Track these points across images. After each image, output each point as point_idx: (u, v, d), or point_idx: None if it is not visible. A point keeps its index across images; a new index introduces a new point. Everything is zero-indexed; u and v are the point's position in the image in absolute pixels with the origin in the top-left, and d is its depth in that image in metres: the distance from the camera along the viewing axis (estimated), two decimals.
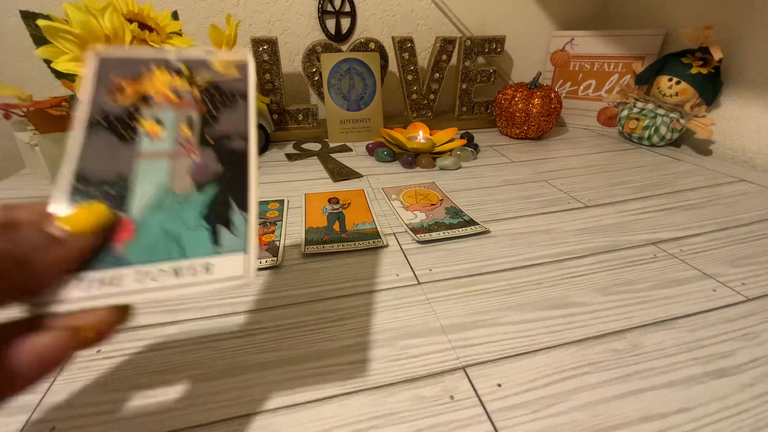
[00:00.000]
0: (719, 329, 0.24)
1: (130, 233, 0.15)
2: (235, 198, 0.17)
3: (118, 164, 0.16)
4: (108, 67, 0.18)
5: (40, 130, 0.37)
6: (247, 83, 0.20)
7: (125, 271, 0.14)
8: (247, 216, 0.16)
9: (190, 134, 0.18)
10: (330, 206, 0.41)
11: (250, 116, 0.19)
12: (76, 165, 0.16)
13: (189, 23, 0.63)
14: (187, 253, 0.15)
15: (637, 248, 0.33)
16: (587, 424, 0.19)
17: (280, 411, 0.19)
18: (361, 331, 0.24)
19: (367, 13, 0.69)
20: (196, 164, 0.17)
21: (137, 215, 0.15)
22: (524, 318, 0.25)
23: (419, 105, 0.68)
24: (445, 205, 0.41)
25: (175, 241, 0.15)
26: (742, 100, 0.56)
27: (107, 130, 0.17)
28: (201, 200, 0.16)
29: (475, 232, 0.35)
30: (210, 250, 0.15)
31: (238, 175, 0.17)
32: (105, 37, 0.34)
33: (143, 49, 0.24)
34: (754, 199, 0.42)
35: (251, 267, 0.15)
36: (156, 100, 0.18)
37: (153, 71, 0.19)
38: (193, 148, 0.17)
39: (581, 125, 0.73)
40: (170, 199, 0.16)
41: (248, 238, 0.16)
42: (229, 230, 0.16)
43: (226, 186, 0.17)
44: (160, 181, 0.16)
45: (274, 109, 0.62)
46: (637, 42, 0.65)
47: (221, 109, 0.19)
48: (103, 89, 0.18)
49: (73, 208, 0.14)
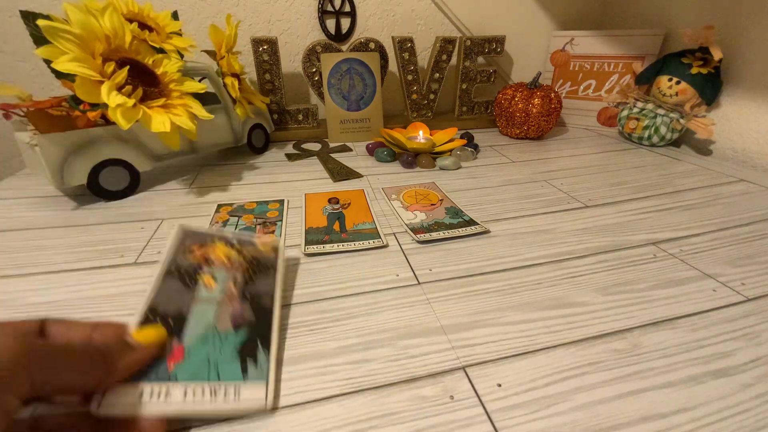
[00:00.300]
0: (719, 329, 0.24)
1: (181, 357, 0.19)
2: (261, 340, 0.21)
3: (180, 304, 0.22)
4: (186, 236, 0.26)
5: (40, 130, 0.37)
6: (278, 261, 0.27)
7: (173, 386, 0.18)
8: (269, 355, 0.21)
9: (235, 290, 0.24)
10: (330, 206, 0.41)
11: (278, 284, 0.25)
12: (151, 300, 0.21)
13: (189, 23, 0.63)
14: (221, 378, 0.19)
15: (637, 248, 0.33)
16: (587, 424, 0.19)
17: (280, 411, 0.19)
18: (361, 331, 0.24)
19: (367, 13, 0.69)
20: (236, 312, 0.22)
21: (188, 344, 0.20)
22: (524, 318, 0.25)
23: (419, 105, 0.68)
24: (445, 205, 0.41)
25: (214, 368, 0.19)
26: (742, 100, 0.56)
27: (177, 278, 0.23)
28: (236, 339, 0.21)
29: (476, 232, 0.35)
30: (239, 377, 0.19)
31: (265, 323, 0.23)
32: (105, 37, 0.34)
33: (212, 228, 0.35)
34: (754, 199, 0.42)
35: (269, 394, 0.19)
36: (215, 263, 0.25)
37: (216, 243, 0.26)
38: (235, 300, 0.23)
39: (581, 125, 0.73)
40: (213, 335, 0.21)
41: (269, 371, 0.20)
42: (255, 364, 0.20)
43: (255, 330, 0.22)
44: (208, 321, 0.21)
45: (274, 109, 0.62)
46: (637, 42, 0.65)
47: (258, 275, 0.25)
48: (180, 250, 0.25)
49: (143, 328, 0.20)
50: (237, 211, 0.40)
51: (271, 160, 0.55)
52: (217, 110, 0.50)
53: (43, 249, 0.33)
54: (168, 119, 0.37)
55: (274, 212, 0.39)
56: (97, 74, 0.33)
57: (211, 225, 0.37)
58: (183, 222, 0.29)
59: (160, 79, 0.39)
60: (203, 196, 0.43)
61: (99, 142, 0.40)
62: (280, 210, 0.40)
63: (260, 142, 0.58)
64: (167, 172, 0.50)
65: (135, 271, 0.30)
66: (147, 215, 0.39)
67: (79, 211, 0.40)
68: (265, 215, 0.39)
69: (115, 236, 0.35)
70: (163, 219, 0.38)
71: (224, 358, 0.20)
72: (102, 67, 0.34)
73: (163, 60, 0.40)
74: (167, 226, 0.37)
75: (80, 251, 0.33)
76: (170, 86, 0.40)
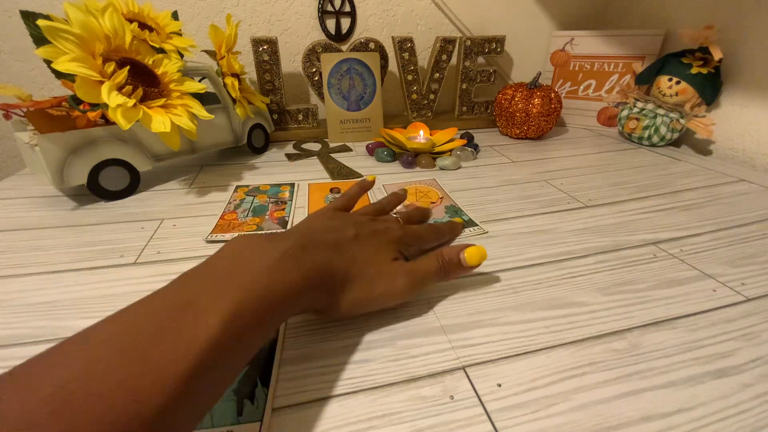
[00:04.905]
0: (719, 329, 0.24)
1: None
2: (261, 377, 0.21)
3: None
4: None
5: (40, 130, 0.37)
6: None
7: None
8: (266, 391, 0.20)
9: None
10: (332, 196, 0.42)
11: (280, 331, 0.25)
12: None
13: (189, 23, 0.63)
14: (215, 424, 0.18)
15: (637, 248, 0.33)
16: (587, 424, 0.19)
17: (280, 411, 0.19)
18: (361, 331, 0.24)
19: (367, 13, 0.69)
20: None
21: None
22: (524, 318, 0.25)
23: (419, 105, 0.68)
24: (445, 203, 0.41)
25: (208, 413, 0.18)
26: (742, 100, 0.56)
27: None
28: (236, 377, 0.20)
29: (474, 234, 0.35)
30: (234, 420, 0.19)
31: (267, 357, 0.22)
32: (105, 37, 0.34)
33: None
34: (754, 199, 0.42)
35: None
36: None
37: None
38: None
39: (581, 125, 0.73)
40: None
41: (265, 410, 0.19)
42: (252, 402, 0.19)
43: (255, 366, 0.21)
44: None
45: (274, 109, 0.62)
46: (637, 42, 0.65)
47: None
48: None
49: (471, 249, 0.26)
50: (252, 191, 0.44)
51: (271, 160, 0.56)
52: (217, 110, 0.50)
53: (43, 249, 0.33)
54: (168, 119, 0.37)
55: (284, 193, 0.44)
56: (97, 74, 0.33)
57: (228, 204, 0.41)
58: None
59: (160, 79, 0.39)
60: (203, 196, 0.43)
61: (99, 142, 0.40)
62: (291, 192, 0.44)
63: (260, 142, 0.58)
64: (167, 172, 0.50)
65: (135, 271, 0.30)
66: (147, 215, 0.39)
67: (78, 211, 0.40)
68: (278, 195, 0.43)
69: (115, 236, 0.35)
70: (163, 219, 0.38)
71: (220, 399, 0.19)
72: (102, 67, 0.34)
73: (163, 60, 0.40)
74: (167, 226, 0.37)
75: (80, 251, 0.33)
76: (170, 86, 0.40)
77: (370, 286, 0.23)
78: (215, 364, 0.14)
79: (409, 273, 0.24)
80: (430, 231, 0.30)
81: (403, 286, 0.24)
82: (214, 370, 0.14)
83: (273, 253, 0.19)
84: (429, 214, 0.35)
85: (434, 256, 0.26)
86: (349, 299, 0.22)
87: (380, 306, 0.24)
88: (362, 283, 0.23)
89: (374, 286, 0.23)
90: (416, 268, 0.25)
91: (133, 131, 0.43)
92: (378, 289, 0.23)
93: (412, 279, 0.24)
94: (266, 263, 0.19)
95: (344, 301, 0.22)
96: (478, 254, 0.25)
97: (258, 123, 0.57)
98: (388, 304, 0.24)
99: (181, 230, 0.36)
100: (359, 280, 0.23)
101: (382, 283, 0.23)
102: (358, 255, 0.24)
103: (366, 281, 0.23)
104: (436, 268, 0.25)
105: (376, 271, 0.24)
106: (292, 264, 0.19)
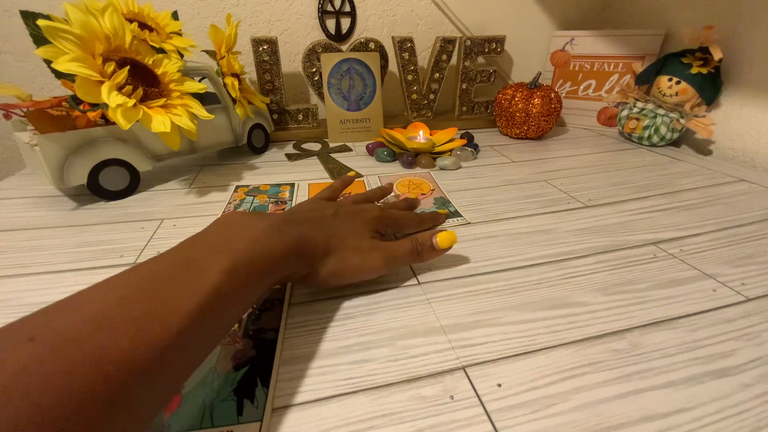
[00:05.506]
0: (719, 329, 0.24)
1: (176, 405, 0.19)
2: (261, 377, 0.21)
3: None
4: None
5: (40, 130, 0.37)
6: (285, 292, 0.27)
7: None
8: (266, 391, 0.20)
9: (237, 328, 0.24)
10: None
11: (284, 316, 0.25)
12: None
13: (189, 23, 0.63)
14: (215, 424, 0.18)
15: (637, 248, 0.33)
16: (587, 424, 0.19)
17: (280, 411, 0.19)
18: (361, 331, 0.24)
19: (367, 13, 0.69)
20: (237, 351, 0.22)
21: (186, 390, 0.20)
22: (524, 318, 0.25)
23: (419, 105, 0.68)
24: (435, 195, 0.42)
25: (209, 413, 0.19)
26: (742, 100, 0.56)
27: None
28: (235, 378, 0.21)
29: (457, 224, 0.37)
30: (234, 420, 0.19)
31: (266, 359, 0.22)
32: (105, 37, 0.34)
33: None
34: (754, 199, 0.42)
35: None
36: None
37: None
38: (238, 338, 0.23)
39: (581, 125, 0.73)
40: (212, 378, 0.21)
41: (265, 410, 0.19)
42: (252, 402, 0.19)
43: (255, 367, 0.21)
44: (210, 365, 0.21)
45: (274, 109, 0.62)
46: (637, 42, 0.65)
47: (264, 312, 0.25)
48: None
49: (442, 234, 0.28)
50: (252, 191, 0.44)
51: (271, 160, 0.56)
52: (217, 110, 0.50)
53: (43, 249, 0.33)
54: (168, 119, 0.37)
55: (284, 193, 0.44)
56: (97, 74, 0.33)
57: (228, 204, 0.41)
58: None
59: (160, 79, 0.39)
60: (203, 196, 0.43)
61: (99, 142, 0.40)
62: (291, 192, 0.44)
63: (260, 142, 0.58)
64: (167, 172, 0.50)
65: None
66: (147, 215, 0.39)
67: (78, 211, 0.40)
68: (277, 195, 0.43)
69: (115, 236, 0.35)
70: (163, 219, 0.38)
71: (221, 399, 0.20)
72: (102, 67, 0.34)
73: (163, 60, 0.40)
74: (167, 226, 0.37)
75: (80, 251, 0.33)
76: (170, 86, 0.40)
77: (347, 259, 0.25)
78: (212, 312, 0.17)
79: (384, 250, 0.27)
80: (410, 217, 0.33)
81: (377, 261, 0.26)
82: (211, 317, 0.17)
83: (260, 225, 0.22)
84: (416, 204, 0.38)
85: (409, 238, 0.28)
86: (327, 269, 0.25)
87: (356, 278, 0.26)
88: (339, 256, 0.25)
89: (350, 258, 0.25)
90: (391, 247, 0.27)
91: (133, 131, 0.43)
92: (354, 262, 0.25)
93: (386, 255, 0.26)
94: (255, 233, 0.21)
95: (323, 270, 0.25)
96: (448, 238, 0.28)
97: (258, 123, 0.57)
98: (364, 277, 0.26)
99: (181, 230, 0.36)
100: (336, 252, 0.25)
101: (357, 257, 0.26)
102: (336, 230, 0.26)
103: (343, 254, 0.25)
104: (410, 248, 0.27)
105: (352, 246, 0.26)
106: (276, 235, 0.22)
